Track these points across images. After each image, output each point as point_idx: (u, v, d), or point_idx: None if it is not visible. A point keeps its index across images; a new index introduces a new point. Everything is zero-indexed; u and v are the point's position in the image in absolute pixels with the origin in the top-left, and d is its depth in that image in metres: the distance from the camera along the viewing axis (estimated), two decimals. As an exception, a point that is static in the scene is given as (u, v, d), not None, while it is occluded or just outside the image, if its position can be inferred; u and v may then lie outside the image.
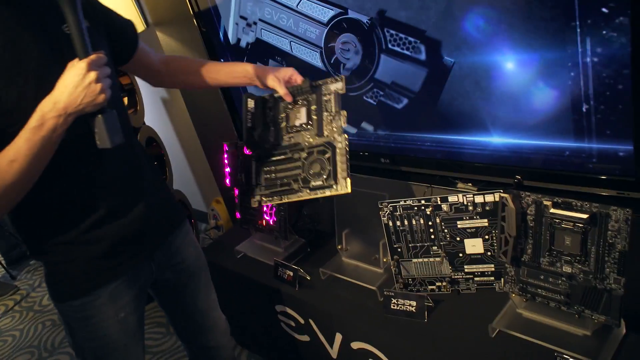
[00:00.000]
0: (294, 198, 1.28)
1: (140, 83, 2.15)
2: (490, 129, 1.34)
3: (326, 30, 1.53)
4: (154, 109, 2.79)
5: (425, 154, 1.51)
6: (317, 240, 1.83)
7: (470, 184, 1.47)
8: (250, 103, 1.36)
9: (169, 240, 1.37)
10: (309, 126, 1.31)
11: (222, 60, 1.92)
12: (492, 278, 1.37)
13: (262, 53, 1.75)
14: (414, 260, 1.43)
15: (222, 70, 1.43)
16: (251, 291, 1.79)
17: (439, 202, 1.35)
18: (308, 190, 1.25)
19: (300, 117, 1.32)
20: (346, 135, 1.24)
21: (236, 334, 1.70)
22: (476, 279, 1.39)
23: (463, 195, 1.32)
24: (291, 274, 1.64)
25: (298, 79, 1.32)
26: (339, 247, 1.66)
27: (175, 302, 1.44)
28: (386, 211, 1.42)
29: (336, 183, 1.22)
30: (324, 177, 1.24)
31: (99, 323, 1.25)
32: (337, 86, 1.29)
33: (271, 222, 1.77)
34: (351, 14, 1.46)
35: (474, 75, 1.29)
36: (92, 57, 1.04)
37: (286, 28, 1.63)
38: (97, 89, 1.03)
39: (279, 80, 1.33)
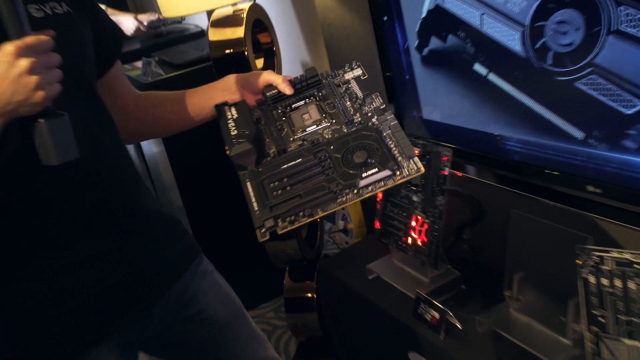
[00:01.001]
0: (333, 208, 0.94)
1: (282, 45, 1.91)
2: None
3: (537, 2, 1.18)
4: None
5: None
6: (476, 276, 1.53)
7: None
8: (230, 110, 1.09)
9: (176, 287, 1.14)
10: (325, 121, 1.05)
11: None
12: None
13: (439, 26, 1.44)
14: (627, 341, 1.07)
15: (198, 92, 1.19)
16: (380, 325, 1.55)
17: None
18: (354, 191, 0.93)
19: (311, 116, 1.07)
20: (391, 112, 1.00)
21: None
22: None
23: None
24: (436, 315, 1.35)
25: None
26: (508, 293, 1.34)
27: None
28: (588, 263, 1.09)
29: (399, 167, 0.92)
30: (377, 162, 0.93)
31: None
32: (355, 73, 1.10)
33: (419, 242, 1.48)
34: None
35: None
36: (28, 39, 0.80)
37: None
38: (31, 83, 0.80)
39: (273, 73, 1.13)
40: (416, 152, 1.17)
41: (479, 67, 1.35)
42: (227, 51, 1.70)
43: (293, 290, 1.97)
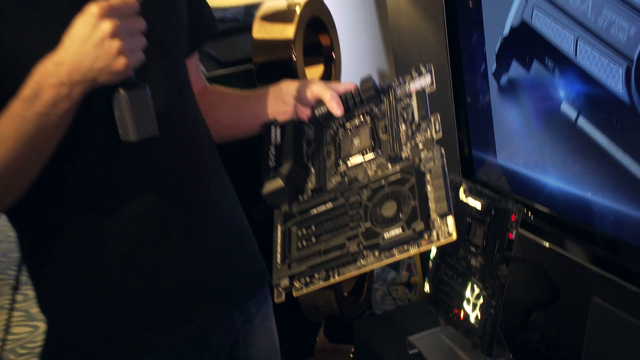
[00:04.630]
0: (352, 271, 0.95)
1: (344, 50, 1.87)
2: None
3: None
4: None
5: None
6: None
7: None
8: (275, 132, 1.12)
9: (234, 317, 1.15)
10: (374, 152, 1.05)
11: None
12: None
13: (523, 48, 1.36)
14: None
15: (252, 97, 1.24)
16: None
17: None
18: (376, 252, 0.93)
19: (360, 141, 1.07)
20: (442, 149, 0.96)
21: None
22: None
23: None
24: (483, 420, 1.23)
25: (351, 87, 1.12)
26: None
27: None
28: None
29: (428, 228, 0.90)
30: (404, 220, 0.92)
31: None
32: (422, 82, 1.05)
33: (472, 318, 1.36)
34: None
35: None
36: (112, 0, 0.87)
37: (576, 14, 1.19)
38: (114, 48, 0.85)
39: (325, 85, 1.12)
40: (480, 204, 1.20)
41: (567, 108, 1.25)
42: (273, 53, 1.67)
43: (326, 353, 1.90)
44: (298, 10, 1.63)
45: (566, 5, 1.20)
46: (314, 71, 1.81)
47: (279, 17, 1.67)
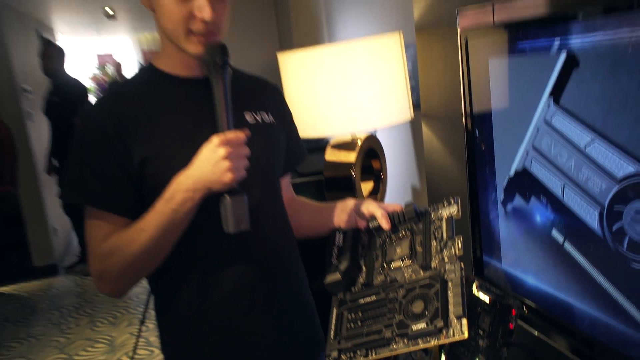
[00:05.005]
0: (386, 352, 0.99)
1: (390, 173, 1.96)
2: None
3: (616, 188, 1.14)
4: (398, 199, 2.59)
5: None
6: None
7: None
8: (339, 237, 1.18)
9: None
10: (411, 260, 1.09)
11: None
12: None
13: (524, 187, 1.41)
14: None
15: (325, 209, 1.30)
16: None
17: None
18: (405, 340, 0.97)
19: (401, 250, 1.12)
20: (461, 264, 1.01)
21: None
22: None
23: None
24: None
25: (397, 208, 1.18)
26: None
27: None
28: None
29: (446, 326, 0.94)
30: (428, 317, 0.96)
31: None
32: (450, 210, 1.12)
33: None
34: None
35: None
36: (228, 134, 1.00)
37: (563, 168, 1.27)
38: (225, 166, 0.98)
39: (378, 204, 1.19)
40: (488, 299, 1.23)
41: (556, 234, 1.30)
42: (339, 171, 1.80)
43: None
44: (359, 142, 1.77)
45: (556, 161, 1.27)
46: (367, 186, 1.90)
47: (345, 146, 1.81)
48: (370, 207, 1.20)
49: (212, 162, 0.98)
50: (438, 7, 1.69)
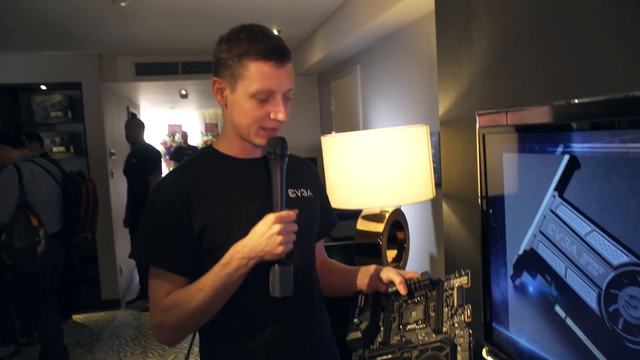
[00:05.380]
0: None
1: (412, 242, 1.95)
2: None
3: (612, 274, 1.11)
4: (419, 267, 2.57)
5: None
6: None
7: None
8: (361, 298, 1.15)
9: None
10: (425, 323, 1.06)
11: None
12: None
13: (530, 265, 1.38)
14: None
15: (351, 272, 1.28)
16: None
17: None
18: None
19: (416, 314, 1.09)
20: (470, 330, 0.98)
21: None
22: None
23: None
24: None
25: (414, 276, 1.15)
26: None
27: None
28: None
29: None
30: None
31: None
32: (461, 280, 1.09)
33: None
34: (650, 272, 1.01)
35: None
36: (282, 213, 1.01)
37: (566, 252, 1.24)
38: (278, 240, 0.99)
39: (397, 272, 1.16)
40: None
41: (559, 309, 1.26)
42: (368, 239, 1.80)
43: None
44: (387, 215, 1.77)
45: (560, 245, 1.25)
46: (392, 253, 1.89)
47: (374, 218, 1.81)
48: (389, 274, 1.18)
49: (267, 235, 0.99)
50: (460, 108, 1.73)
